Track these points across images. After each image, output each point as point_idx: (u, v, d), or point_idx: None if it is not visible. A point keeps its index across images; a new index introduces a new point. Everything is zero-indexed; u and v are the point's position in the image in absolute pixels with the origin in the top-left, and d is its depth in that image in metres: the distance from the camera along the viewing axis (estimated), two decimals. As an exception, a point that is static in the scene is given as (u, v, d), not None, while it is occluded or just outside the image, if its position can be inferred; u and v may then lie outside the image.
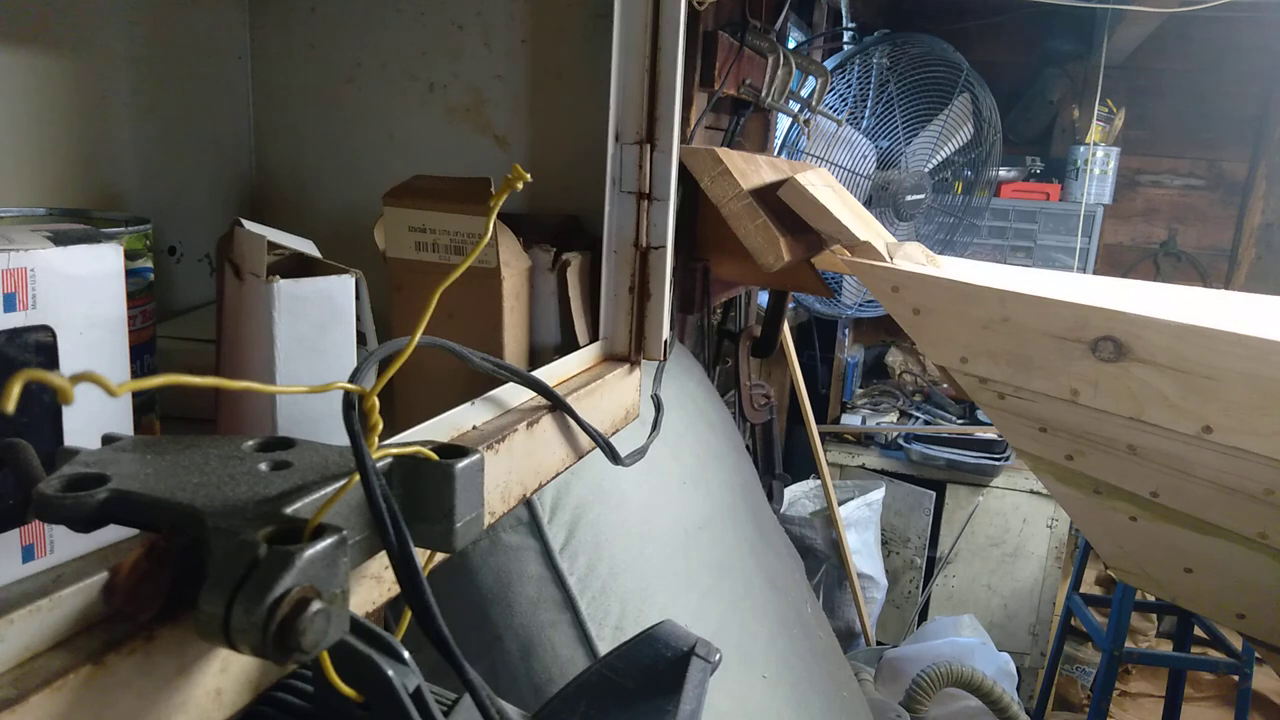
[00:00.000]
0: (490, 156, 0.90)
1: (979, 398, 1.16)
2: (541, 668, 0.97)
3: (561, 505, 1.03)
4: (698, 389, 1.47)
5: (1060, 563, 2.97)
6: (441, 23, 0.89)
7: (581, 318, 0.81)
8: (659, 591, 1.07)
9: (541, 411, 0.66)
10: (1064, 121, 3.41)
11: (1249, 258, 3.41)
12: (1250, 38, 3.22)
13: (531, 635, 0.98)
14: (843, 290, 2.44)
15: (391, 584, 0.49)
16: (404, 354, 0.44)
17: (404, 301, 0.76)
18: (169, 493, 0.37)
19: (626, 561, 1.06)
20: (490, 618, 0.98)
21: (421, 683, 0.39)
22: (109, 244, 0.45)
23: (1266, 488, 1.01)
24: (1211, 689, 3.10)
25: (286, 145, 0.97)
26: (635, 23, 0.74)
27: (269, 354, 0.52)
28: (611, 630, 1.01)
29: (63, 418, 0.42)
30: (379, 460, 0.41)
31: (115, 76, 0.80)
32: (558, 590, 1.00)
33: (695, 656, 0.54)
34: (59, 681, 0.32)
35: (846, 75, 2.30)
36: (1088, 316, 1.05)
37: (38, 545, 0.42)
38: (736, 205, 1.21)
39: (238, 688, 0.40)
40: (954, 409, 3.26)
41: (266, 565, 0.32)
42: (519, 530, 1.00)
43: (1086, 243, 3.22)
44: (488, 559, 0.99)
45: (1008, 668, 2.25)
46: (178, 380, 0.32)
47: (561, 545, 1.01)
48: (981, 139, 2.43)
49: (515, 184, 0.46)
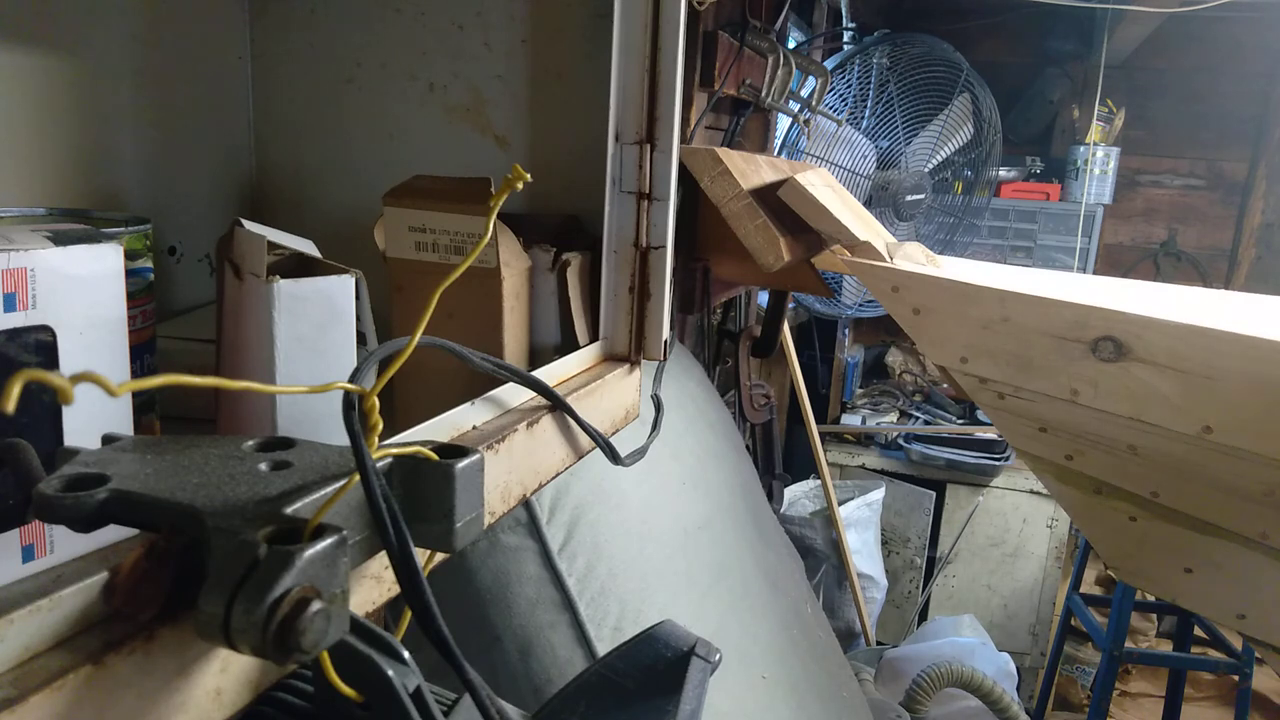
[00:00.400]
0: (490, 156, 0.90)
1: (979, 398, 1.16)
2: (540, 668, 0.97)
3: (560, 506, 1.03)
4: (698, 389, 1.47)
5: (1060, 563, 2.97)
6: (441, 23, 0.89)
7: (581, 318, 0.81)
8: (658, 592, 1.07)
9: (541, 411, 0.66)
10: (1064, 121, 3.41)
11: (1249, 258, 3.41)
12: (1250, 38, 3.22)
13: (530, 636, 0.98)
14: (843, 290, 2.44)
15: (391, 584, 0.49)
16: (404, 354, 0.44)
17: (404, 301, 0.76)
18: (169, 493, 0.37)
19: (626, 562, 1.06)
20: (489, 618, 0.98)
21: (421, 683, 0.40)
22: (109, 244, 0.45)
23: (1266, 488, 1.01)
24: (1211, 689, 3.10)
25: (286, 145, 0.97)
26: (635, 23, 0.74)
27: (269, 354, 0.52)
28: (610, 631, 1.01)
29: (63, 418, 0.42)
30: (379, 460, 0.41)
31: (115, 76, 0.80)
32: (556, 591, 1.00)
33: (695, 656, 0.54)
34: (59, 681, 0.32)
35: (846, 75, 2.30)
36: (1088, 316, 1.05)
37: (38, 545, 0.42)
38: (736, 205, 1.21)
39: (238, 688, 0.40)
40: (954, 409, 3.26)
41: (266, 565, 0.32)
42: (517, 531, 1.00)
43: (1086, 243, 3.22)
44: (486, 560, 0.99)
45: (1008, 668, 2.25)
46: (178, 380, 0.32)
47: (560, 546, 1.01)
48: (981, 139, 2.43)
49: (515, 184, 0.46)
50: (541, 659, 0.97)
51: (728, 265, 1.30)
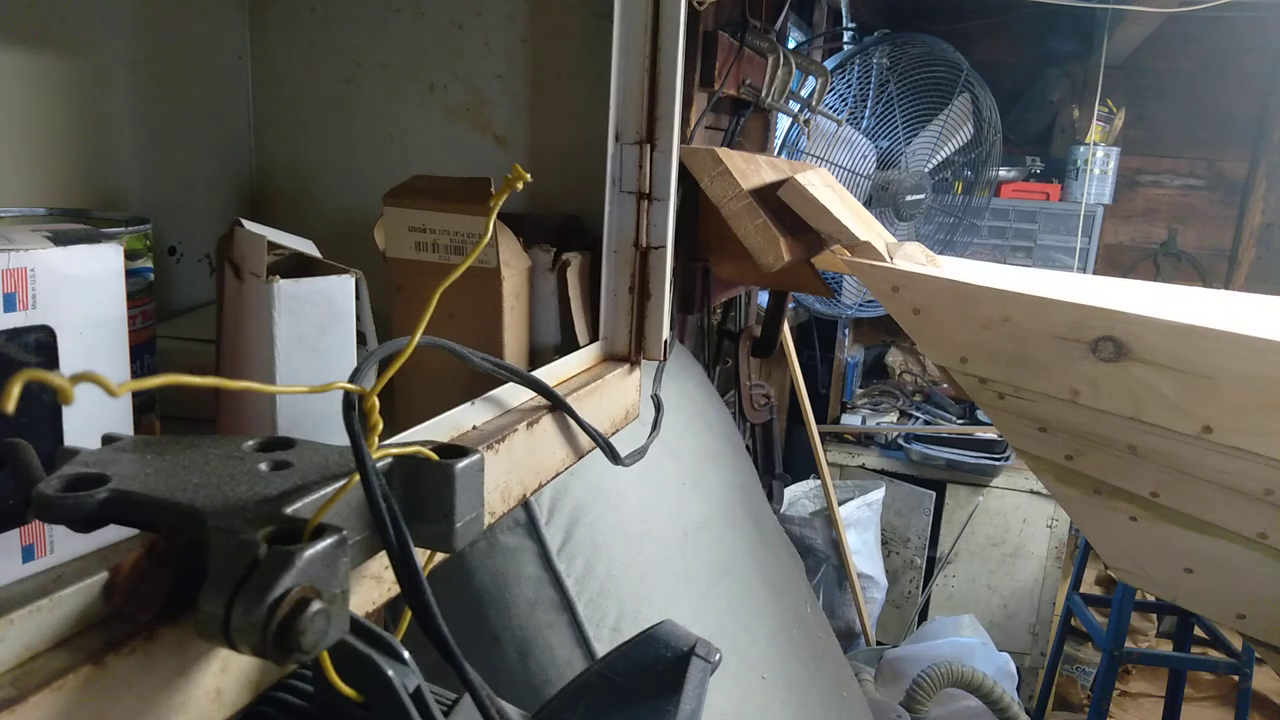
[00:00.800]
0: (490, 156, 0.90)
1: (979, 398, 1.16)
2: (539, 669, 0.97)
3: (559, 506, 1.03)
4: (697, 389, 1.47)
5: (1060, 563, 2.97)
6: (441, 23, 0.89)
7: (581, 318, 0.81)
8: (657, 593, 1.07)
9: (541, 411, 0.66)
10: (1064, 121, 3.41)
11: (1249, 258, 3.41)
12: (1250, 38, 3.22)
13: (529, 636, 0.98)
14: (843, 290, 2.44)
15: (391, 584, 0.49)
16: (404, 354, 0.44)
17: (404, 301, 0.76)
18: (169, 493, 0.37)
19: (624, 562, 1.06)
20: (488, 619, 0.98)
21: (421, 683, 0.40)
22: (109, 244, 0.45)
23: (1266, 488, 1.01)
24: (1211, 689, 3.10)
25: (287, 145, 0.97)
26: (635, 23, 0.74)
27: (269, 354, 0.52)
28: (609, 631, 1.00)
29: (63, 418, 0.42)
30: (379, 460, 0.41)
31: (115, 76, 0.80)
32: (555, 592, 1.00)
33: (695, 656, 0.54)
34: (59, 681, 0.32)
35: (846, 75, 2.30)
36: (1088, 316, 1.05)
37: (38, 545, 0.42)
38: (736, 205, 1.21)
39: (238, 688, 0.40)
40: (954, 409, 3.26)
41: (266, 565, 0.32)
42: (516, 531, 1.00)
43: (1086, 243, 3.22)
44: (485, 560, 0.99)
45: (1008, 668, 2.25)
46: (178, 380, 0.32)
47: (559, 546, 1.01)
48: (981, 139, 2.43)
49: (515, 184, 0.46)
50: (540, 659, 0.97)
51: (728, 265, 1.30)
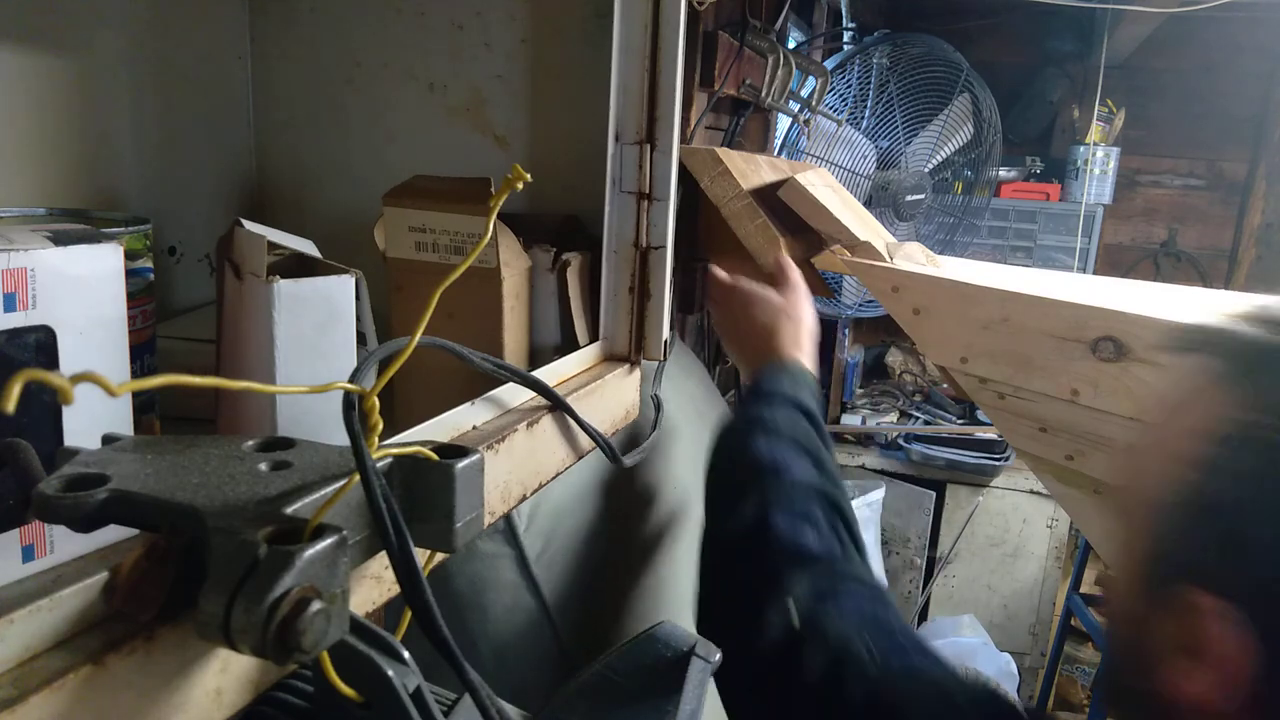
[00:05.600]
0: (490, 156, 0.90)
1: (979, 398, 1.16)
2: (516, 675, 0.96)
3: (539, 513, 1.00)
4: (697, 389, 1.47)
5: (1060, 563, 2.97)
6: (441, 23, 0.89)
7: (581, 318, 0.81)
8: (639, 600, 1.06)
9: (541, 411, 0.66)
10: (1064, 121, 3.41)
11: (1249, 258, 3.41)
12: (1250, 38, 3.22)
13: (506, 642, 0.96)
14: (843, 290, 2.44)
15: (391, 584, 0.49)
16: (404, 354, 0.44)
17: (404, 301, 0.76)
18: (169, 493, 0.37)
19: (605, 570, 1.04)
20: (465, 624, 0.96)
21: (421, 683, 0.40)
22: (109, 244, 0.45)
23: (1266, 488, 1.01)
24: (1211, 689, 3.09)
25: (286, 145, 0.97)
26: (635, 23, 0.74)
27: (269, 354, 0.51)
28: (589, 640, 0.99)
29: (63, 418, 0.42)
30: (379, 460, 0.41)
31: (115, 77, 0.80)
32: (533, 599, 0.97)
33: (695, 657, 0.54)
34: (59, 681, 0.32)
35: (846, 75, 2.30)
36: (1088, 316, 1.05)
37: (38, 545, 0.42)
38: (736, 205, 1.21)
39: (238, 688, 0.40)
40: (954, 409, 3.26)
41: (266, 565, 0.32)
42: (494, 538, 0.97)
43: (1086, 243, 3.21)
44: (463, 565, 0.96)
45: (1008, 668, 2.25)
46: (178, 380, 0.32)
47: (537, 554, 0.98)
48: (981, 139, 2.43)
49: (515, 184, 0.46)
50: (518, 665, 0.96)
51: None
